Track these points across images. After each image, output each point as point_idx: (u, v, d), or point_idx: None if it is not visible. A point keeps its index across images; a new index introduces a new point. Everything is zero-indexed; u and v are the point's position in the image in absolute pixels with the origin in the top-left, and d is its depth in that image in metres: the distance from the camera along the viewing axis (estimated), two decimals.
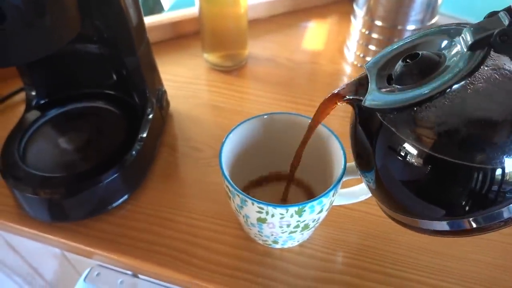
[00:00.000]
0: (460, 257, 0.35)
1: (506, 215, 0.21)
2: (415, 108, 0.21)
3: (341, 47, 0.59)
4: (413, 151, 0.21)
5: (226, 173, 0.30)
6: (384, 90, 0.23)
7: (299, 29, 0.63)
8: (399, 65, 0.23)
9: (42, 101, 0.42)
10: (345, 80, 0.55)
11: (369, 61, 0.26)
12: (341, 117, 0.45)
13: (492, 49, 0.20)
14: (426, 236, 0.36)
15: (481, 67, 0.20)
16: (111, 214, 0.38)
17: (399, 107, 0.21)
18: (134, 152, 0.38)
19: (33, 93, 0.41)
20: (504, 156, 0.19)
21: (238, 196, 0.29)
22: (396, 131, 0.22)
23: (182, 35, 0.59)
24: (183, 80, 0.53)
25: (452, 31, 0.23)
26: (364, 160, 0.26)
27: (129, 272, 0.42)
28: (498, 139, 0.20)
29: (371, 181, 0.26)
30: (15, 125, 0.40)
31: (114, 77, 0.41)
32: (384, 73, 0.24)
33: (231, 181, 0.30)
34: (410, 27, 0.49)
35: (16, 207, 0.38)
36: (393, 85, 0.23)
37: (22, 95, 0.49)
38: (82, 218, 0.37)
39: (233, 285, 0.33)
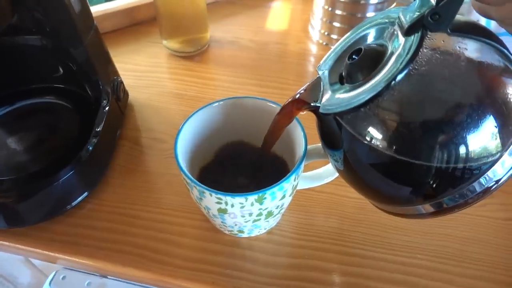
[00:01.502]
0: (428, 232, 0.35)
1: (471, 192, 0.21)
2: (367, 107, 0.20)
3: (306, 26, 0.58)
4: (374, 149, 0.21)
5: (183, 164, 0.29)
6: (337, 91, 0.23)
7: (261, 10, 0.61)
8: (345, 64, 0.22)
9: None
10: (312, 60, 0.54)
11: (320, 63, 0.25)
12: None
13: (428, 30, 0.19)
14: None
15: (421, 50, 0.19)
16: (70, 214, 0.36)
17: (350, 109, 0.21)
18: (90, 147, 0.36)
19: None
20: (460, 134, 0.19)
21: (196, 187, 0.28)
22: (353, 131, 0.21)
23: (139, 22, 0.57)
24: (142, 69, 0.51)
25: (391, 19, 0.22)
26: (334, 153, 0.25)
27: (97, 273, 0.41)
28: (451, 117, 0.19)
29: (341, 166, 0.25)
30: None
31: (61, 70, 0.39)
32: (336, 72, 0.24)
33: (187, 173, 0.28)
34: (373, 0, 0.48)
35: None
36: (345, 84, 0.23)
37: None
38: (40, 221, 0.35)
39: (200, 279, 0.32)
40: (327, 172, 0.33)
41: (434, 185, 0.21)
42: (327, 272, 0.32)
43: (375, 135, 0.20)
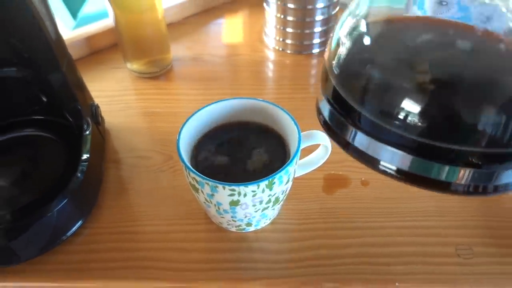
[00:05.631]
0: (410, 198, 0.38)
1: None
2: None
3: (260, 36, 0.61)
4: None
5: (191, 167, 0.30)
6: None
7: (215, 26, 0.64)
8: None
9: None
10: (270, 66, 0.57)
11: None
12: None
13: None
14: (380, 187, 0.40)
15: None
16: (69, 243, 0.35)
17: None
18: (79, 174, 0.36)
19: None
20: None
21: (208, 184, 0.29)
22: None
23: (99, 49, 0.57)
24: (111, 94, 0.51)
25: None
26: None
27: None
28: None
29: None
30: None
31: (41, 99, 0.38)
32: None
33: (197, 172, 0.29)
34: (320, 5, 0.52)
35: None
36: None
37: None
38: (37, 255, 0.34)
39: (219, 277, 0.33)
40: (318, 156, 0.36)
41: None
42: (334, 248, 0.35)
43: None
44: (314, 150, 0.36)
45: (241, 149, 0.34)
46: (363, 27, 0.30)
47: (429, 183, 0.27)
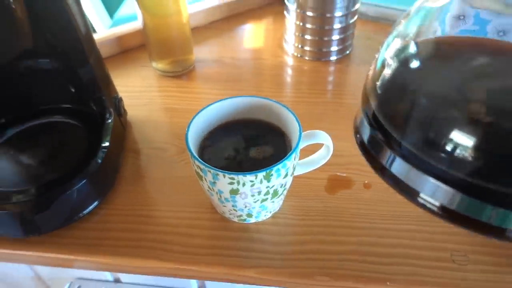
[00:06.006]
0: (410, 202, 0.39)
1: None
2: None
3: (280, 42, 0.64)
4: None
5: (196, 154, 0.33)
6: None
7: (239, 32, 0.67)
8: None
9: None
10: (289, 71, 0.59)
11: None
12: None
13: None
14: (383, 190, 0.41)
15: None
16: (85, 221, 0.38)
17: None
18: (99, 158, 0.39)
19: None
20: None
21: (210, 171, 0.31)
22: None
23: (129, 49, 0.61)
24: (136, 90, 0.55)
25: None
26: None
27: (110, 279, 0.43)
28: None
29: None
30: None
31: (70, 89, 0.42)
32: None
33: (200, 159, 0.32)
34: (338, 13, 0.54)
35: None
36: None
37: None
38: (56, 228, 0.37)
39: (220, 263, 0.35)
40: (320, 156, 0.37)
41: None
42: (331, 244, 0.36)
43: None
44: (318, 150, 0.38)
45: (246, 144, 0.36)
46: (409, 50, 0.28)
47: (478, 225, 0.24)
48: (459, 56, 0.28)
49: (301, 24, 0.57)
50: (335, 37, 0.57)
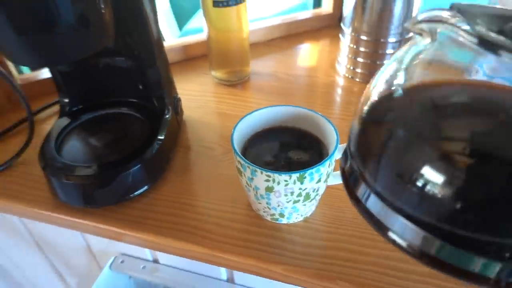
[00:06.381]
0: None
1: None
2: None
3: (333, 63, 0.67)
4: None
5: (238, 150, 0.36)
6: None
7: (295, 50, 0.71)
8: None
9: (75, 108, 0.48)
10: (338, 90, 0.62)
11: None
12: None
13: None
14: None
15: None
16: (135, 201, 0.43)
17: None
18: (154, 148, 0.44)
19: (67, 101, 0.48)
20: None
21: (249, 167, 0.34)
22: None
23: (192, 57, 0.67)
24: (194, 93, 0.60)
25: None
26: None
27: (150, 259, 0.47)
28: None
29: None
30: (51, 128, 0.46)
31: (138, 86, 0.48)
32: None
33: (241, 156, 0.35)
34: (391, 39, 0.56)
35: (50, 198, 0.43)
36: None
37: (54, 110, 0.55)
38: (109, 204, 0.42)
39: (246, 254, 0.38)
40: None
41: None
42: (356, 253, 0.38)
43: None
44: None
45: (284, 149, 0.39)
46: (389, 92, 0.28)
47: (444, 266, 0.24)
48: (431, 98, 0.27)
49: (354, 46, 0.59)
50: (387, 62, 0.58)
